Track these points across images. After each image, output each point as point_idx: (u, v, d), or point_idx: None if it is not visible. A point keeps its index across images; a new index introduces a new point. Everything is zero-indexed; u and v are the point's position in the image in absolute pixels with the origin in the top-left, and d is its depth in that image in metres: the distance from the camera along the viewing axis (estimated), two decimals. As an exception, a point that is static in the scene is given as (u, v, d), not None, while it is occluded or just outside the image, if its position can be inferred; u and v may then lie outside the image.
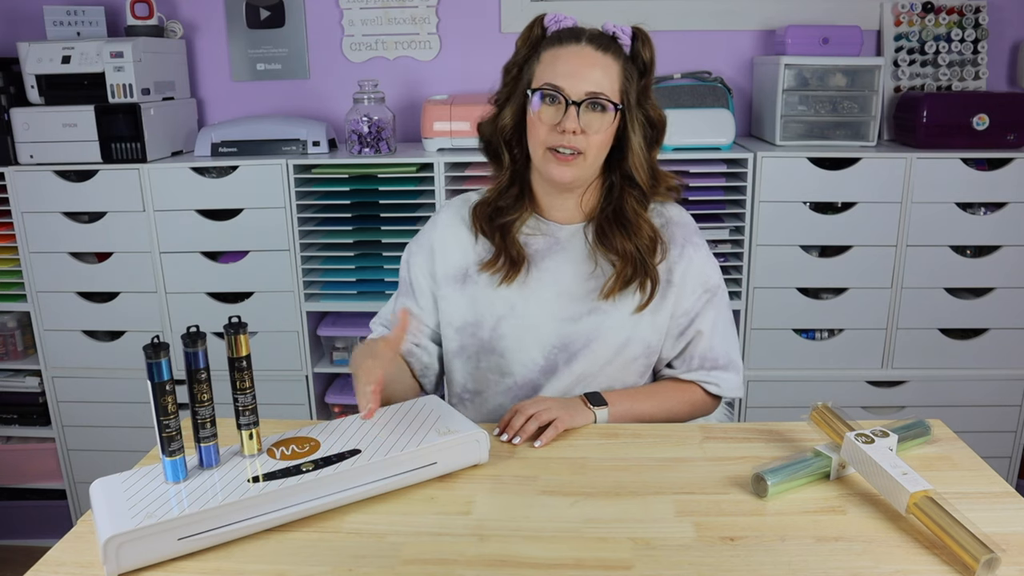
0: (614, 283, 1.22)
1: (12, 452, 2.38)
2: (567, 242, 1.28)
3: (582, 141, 1.17)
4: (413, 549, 0.90)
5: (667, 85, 2.19)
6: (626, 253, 1.22)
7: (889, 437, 1.02)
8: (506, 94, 1.25)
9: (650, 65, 1.23)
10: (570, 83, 1.16)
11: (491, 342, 1.28)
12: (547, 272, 1.27)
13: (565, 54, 1.18)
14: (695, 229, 1.31)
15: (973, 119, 2.00)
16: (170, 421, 0.93)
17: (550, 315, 1.26)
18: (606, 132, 1.18)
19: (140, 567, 0.86)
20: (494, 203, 1.28)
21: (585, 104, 1.15)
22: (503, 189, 1.28)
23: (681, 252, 1.27)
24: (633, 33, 1.22)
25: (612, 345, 1.26)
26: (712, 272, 1.30)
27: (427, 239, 1.33)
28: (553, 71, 1.17)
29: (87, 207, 2.12)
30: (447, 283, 1.30)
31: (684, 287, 1.27)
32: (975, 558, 0.83)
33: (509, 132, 1.24)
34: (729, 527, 0.93)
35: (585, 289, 1.26)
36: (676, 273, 1.26)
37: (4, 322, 2.29)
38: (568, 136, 1.16)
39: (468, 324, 1.29)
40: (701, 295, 1.28)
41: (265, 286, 2.15)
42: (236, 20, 2.36)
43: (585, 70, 1.16)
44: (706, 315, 1.29)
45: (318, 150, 2.15)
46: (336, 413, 2.28)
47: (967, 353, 2.11)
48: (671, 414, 1.28)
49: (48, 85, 2.08)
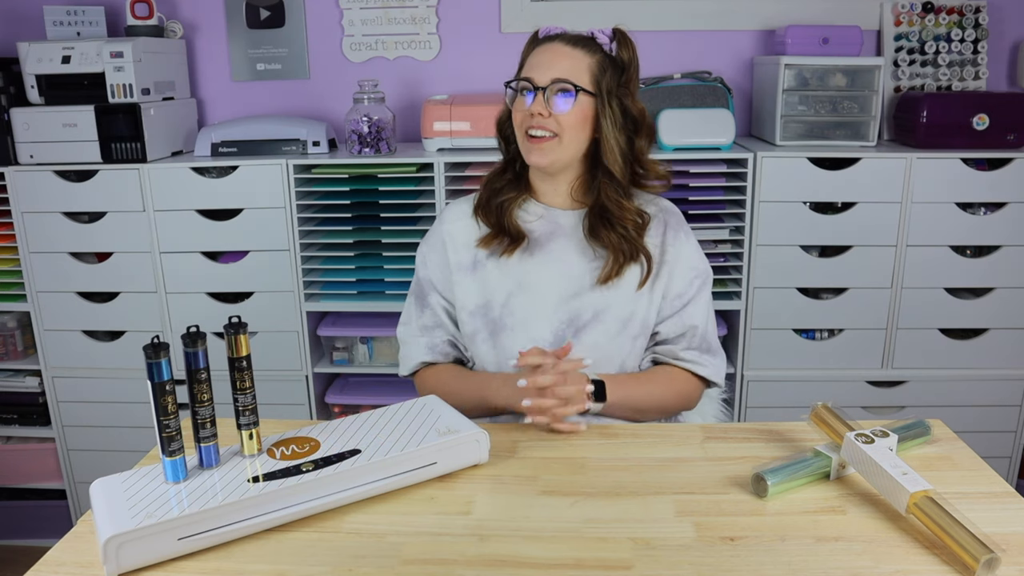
0: (609, 271, 1.29)
1: (12, 452, 2.38)
2: (570, 228, 1.34)
3: (552, 123, 1.25)
4: (413, 549, 0.90)
5: (667, 85, 2.19)
6: (613, 244, 1.29)
7: (889, 437, 1.02)
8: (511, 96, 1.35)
9: (629, 63, 1.29)
10: (538, 73, 1.26)
11: (501, 319, 1.32)
12: (552, 253, 1.33)
13: (539, 51, 1.29)
14: (684, 221, 1.39)
15: (973, 119, 2.00)
16: (170, 421, 0.93)
17: (556, 291, 1.31)
18: (575, 115, 1.25)
19: (140, 567, 0.87)
20: (490, 185, 1.37)
21: (551, 88, 1.24)
22: (497, 172, 1.38)
23: (675, 235, 1.34)
24: (612, 33, 1.29)
25: (618, 318, 1.30)
26: (700, 260, 1.37)
27: (437, 236, 1.40)
28: (528, 66, 1.29)
29: (87, 207, 2.12)
30: (459, 271, 1.36)
31: (676, 268, 1.33)
32: (975, 558, 0.83)
33: (507, 127, 1.36)
34: (729, 527, 0.93)
35: (588, 268, 1.31)
36: (669, 253, 1.33)
37: (4, 322, 2.29)
38: (537, 118, 1.24)
39: (479, 306, 1.34)
40: (693, 280, 1.34)
41: (265, 286, 2.15)
42: (236, 20, 2.36)
43: (553, 61, 1.26)
44: (700, 299, 1.35)
45: (318, 150, 2.15)
46: (336, 413, 2.28)
47: (967, 353, 2.11)
48: (662, 401, 1.32)
49: (48, 85, 2.08)
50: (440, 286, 1.38)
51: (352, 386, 2.30)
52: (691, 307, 1.33)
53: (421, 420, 1.10)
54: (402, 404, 1.15)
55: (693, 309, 1.33)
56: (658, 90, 2.18)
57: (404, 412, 1.13)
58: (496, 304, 1.32)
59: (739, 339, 2.11)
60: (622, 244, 1.28)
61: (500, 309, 1.32)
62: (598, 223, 1.29)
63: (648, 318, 1.32)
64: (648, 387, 1.31)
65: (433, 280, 1.39)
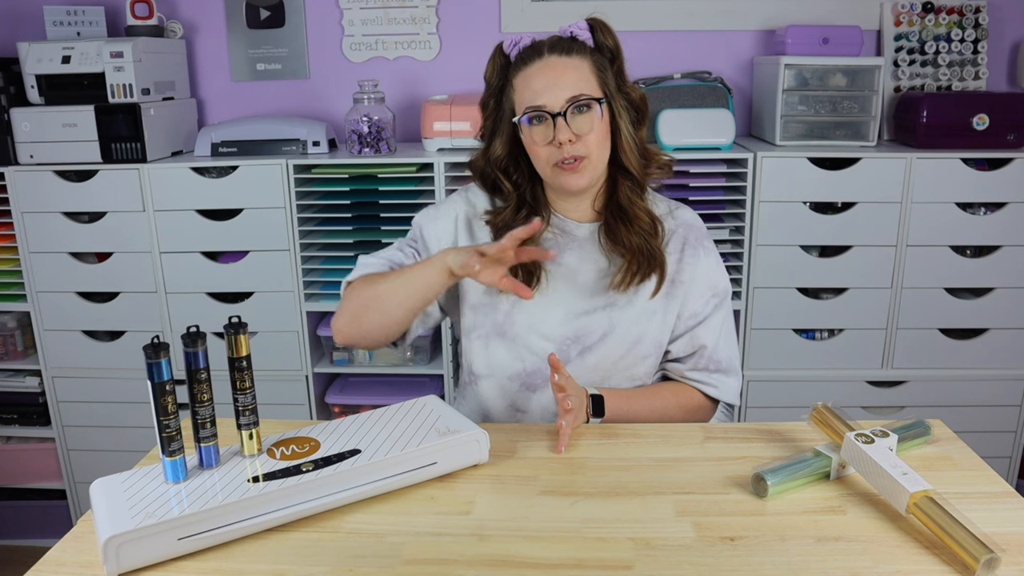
0: (624, 274, 1.24)
1: (12, 452, 2.38)
2: (585, 240, 1.29)
3: (580, 147, 1.18)
4: (413, 549, 0.90)
5: (667, 85, 2.19)
6: (632, 246, 1.24)
7: (889, 437, 1.02)
8: (490, 127, 1.27)
9: (616, 50, 1.24)
10: (548, 97, 1.17)
11: (503, 326, 1.28)
12: (564, 266, 1.28)
13: (534, 72, 1.19)
14: (706, 233, 1.33)
15: (973, 119, 2.00)
16: (170, 421, 0.93)
17: (565, 307, 1.27)
18: (600, 129, 1.20)
19: (140, 567, 0.87)
20: (509, 223, 1.26)
21: (569, 110, 1.17)
22: (513, 214, 1.27)
23: (694, 253, 1.29)
24: (589, 25, 1.23)
25: (626, 340, 1.27)
26: (720, 278, 1.32)
27: (451, 210, 1.33)
28: (531, 92, 1.19)
29: (87, 207, 2.12)
30: None
31: (692, 288, 1.29)
32: (975, 558, 0.83)
33: (504, 161, 1.26)
34: (729, 527, 0.93)
35: (601, 285, 1.27)
36: (685, 272, 1.28)
37: (4, 322, 2.29)
38: (567, 147, 1.17)
39: (484, 304, 1.30)
40: (710, 299, 1.30)
41: (265, 286, 2.15)
42: (236, 20, 2.36)
43: (558, 79, 1.18)
44: (714, 319, 1.30)
45: (318, 150, 2.15)
46: (336, 413, 2.28)
47: (967, 353, 2.11)
48: (665, 416, 1.29)
49: (48, 85, 2.08)
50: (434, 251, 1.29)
51: (352, 386, 2.30)
52: (703, 327, 1.29)
53: (421, 420, 1.10)
54: (402, 404, 1.15)
55: (704, 330, 1.29)
56: (658, 90, 2.18)
57: (404, 412, 1.13)
58: (501, 310, 1.28)
59: (739, 339, 2.11)
60: (641, 247, 1.23)
61: (504, 316, 1.28)
62: (616, 224, 1.25)
63: (661, 338, 1.29)
64: (652, 402, 1.29)
65: (427, 241, 1.32)
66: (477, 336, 1.31)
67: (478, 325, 1.31)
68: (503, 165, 1.26)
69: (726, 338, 1.33)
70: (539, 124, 1.19)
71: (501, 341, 1.29)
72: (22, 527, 2.45)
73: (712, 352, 1.30)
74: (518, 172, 1.27)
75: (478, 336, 1.31)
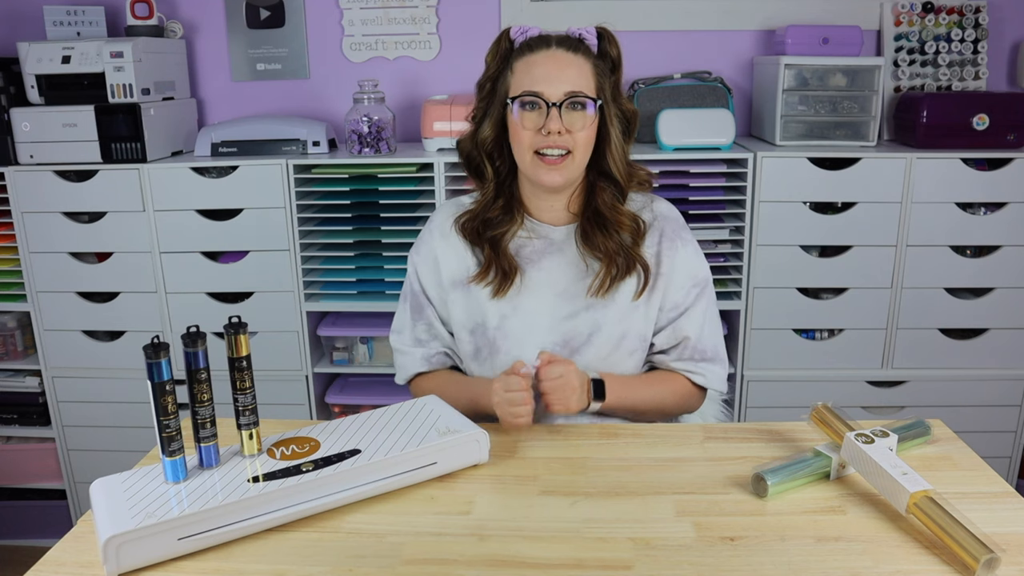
0: (602, 281, 1.25)
1: (12, 452, 2.38)
2: (561, 243, 1.30)
3: (568, 140, 1.20)
4: (413, 549, 0.90)
5: (667, 85, 2.19)
6: (609, 251, 1.25)
7: (889, 437, 1.02)
8: (482, 109, 1.29)
9: (618, 61, 1.26)
10: (548, 86, 1.19)
11: (496, 341, 1.30)
12: (543, 272, 1.29)
13: (538, 60, 1.21)
14: (682, 224, 1.34)
15: (973, 119, 2.00)
16: (170, 421, 0.93)
17: (549, 314, 1.28)
18: (589, 129, 1.21)
19: (140, 567, 0.87)
20: (481, 216, 1.30)
21: (566, 104, 1.18)
22: (489, 202, 1.30)
23: (671, 245, 1.30)
24: (598, 33, 1.25)
25: (612, 338, 1.28)
26: (700, 267, 1.33)
27: (428, 248, 1.36)
28: (530, 78, 1.20)
29: (87, 207, 2.12)
30: (453, 289, 1.33)
31: (672, 279, 1.30)
32: (975, 558, 0.83)
33: (490, 145, 1.28)
34: (729, 527, 0.93)
35: (581, 288, 1.28)
36: (664, 264, 1.29)
37: (4, 322, 2.29)
38: (554, 137, 1.18)
39: (477, 325, 1.31)
40: (690, 289, 1.31)
41: (265, 286, 2.14)
42: (236, 20, 2.36)
43: (560, 72, 1.19)
44: (696, 308, 1.31)
45: (318, 150, 2.15)
46: (336, 413, 2.28)
47: (967, 353, 2.11)
48: (662, 404, 1.31)
49: (48, 85, 2.07)
50: (435, 301, 1.35)
51: (352, 386, 2.30)
52: (685, 318, 1.30)
53: (421, 420, 1.10)
54: (402, 404, 1.15)
55: (686, 320, 1.30)
56: (658, 90, 2.18)
57: (404, 412, 1.13)
58: (491, 326, 1.29)
59: (739, 339, 2.11)
60: (618, 251, 1.25)
61: (494, 332, 1.29)
62: (593, 229, 1.26)
63: (646, 332, 1.30)
64: (650, 389, 1.30)
65: (428, 294, 1.36)
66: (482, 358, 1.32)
67: (480, 347, 1.31)
68: (489, 149, 1.28)
69: (710, 326, 1.34)
70: (532, 111, 1.20)
71: (498, 356, 1.30)
72: (22, 527, 2.45)
73: (696, 342, 1.31)
74: (501, 159, 1.29)
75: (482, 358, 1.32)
